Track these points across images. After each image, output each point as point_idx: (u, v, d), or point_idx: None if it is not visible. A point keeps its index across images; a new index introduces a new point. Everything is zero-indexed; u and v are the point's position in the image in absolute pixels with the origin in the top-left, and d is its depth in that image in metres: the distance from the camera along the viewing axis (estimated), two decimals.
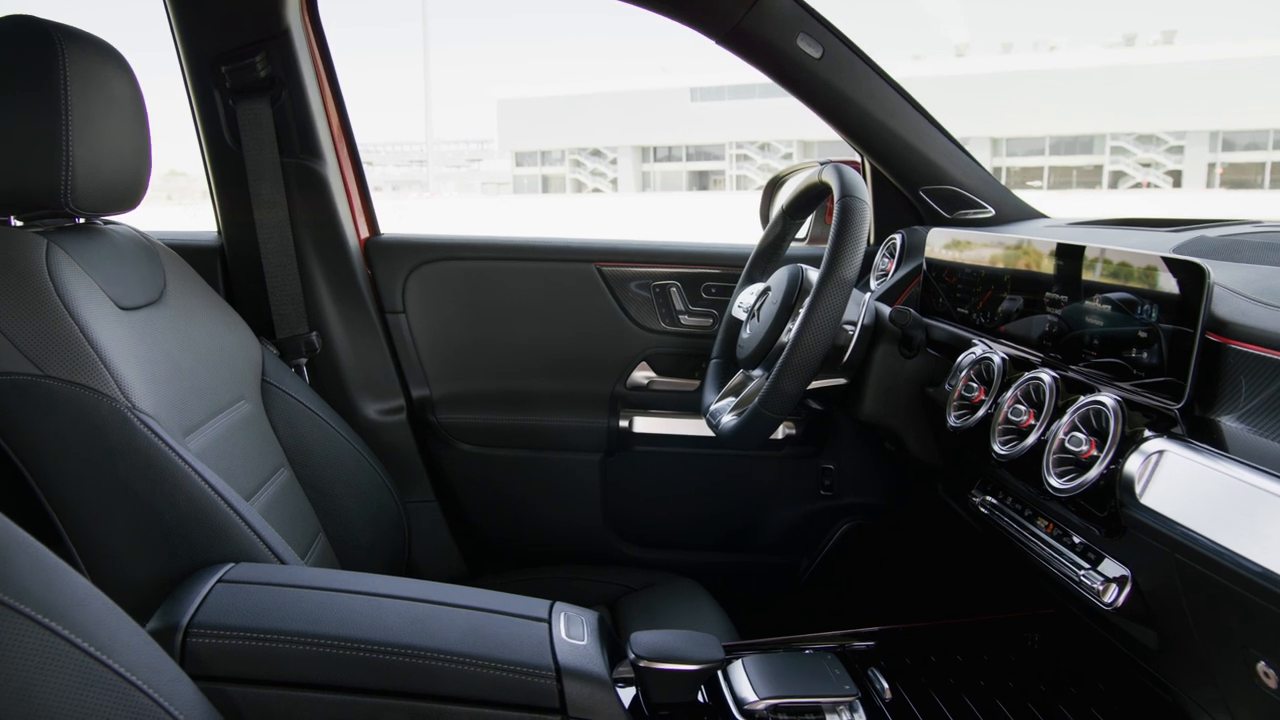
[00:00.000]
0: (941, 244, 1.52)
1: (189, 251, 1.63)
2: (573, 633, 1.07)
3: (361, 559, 1.62)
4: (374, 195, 2.04)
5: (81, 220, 1.34)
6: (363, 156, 2.02)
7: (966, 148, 1.82)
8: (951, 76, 43.67)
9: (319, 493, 1.59)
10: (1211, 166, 41.76)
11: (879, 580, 1.97)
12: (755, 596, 1.99)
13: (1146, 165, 42.92)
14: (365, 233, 2.00)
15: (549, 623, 1.07)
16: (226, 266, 1.89)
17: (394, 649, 0.99)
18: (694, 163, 51.03)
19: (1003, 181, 1.83)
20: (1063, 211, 1.84)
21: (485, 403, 2.00)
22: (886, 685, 1.18)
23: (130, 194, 1.32)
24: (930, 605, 1.90)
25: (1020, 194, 1.85)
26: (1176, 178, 42.07)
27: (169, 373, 1.28)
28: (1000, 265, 1.33)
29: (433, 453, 2.00)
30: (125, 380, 1.14)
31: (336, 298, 1.89)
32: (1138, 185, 42.47)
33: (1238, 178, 41.56)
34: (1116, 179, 43.02)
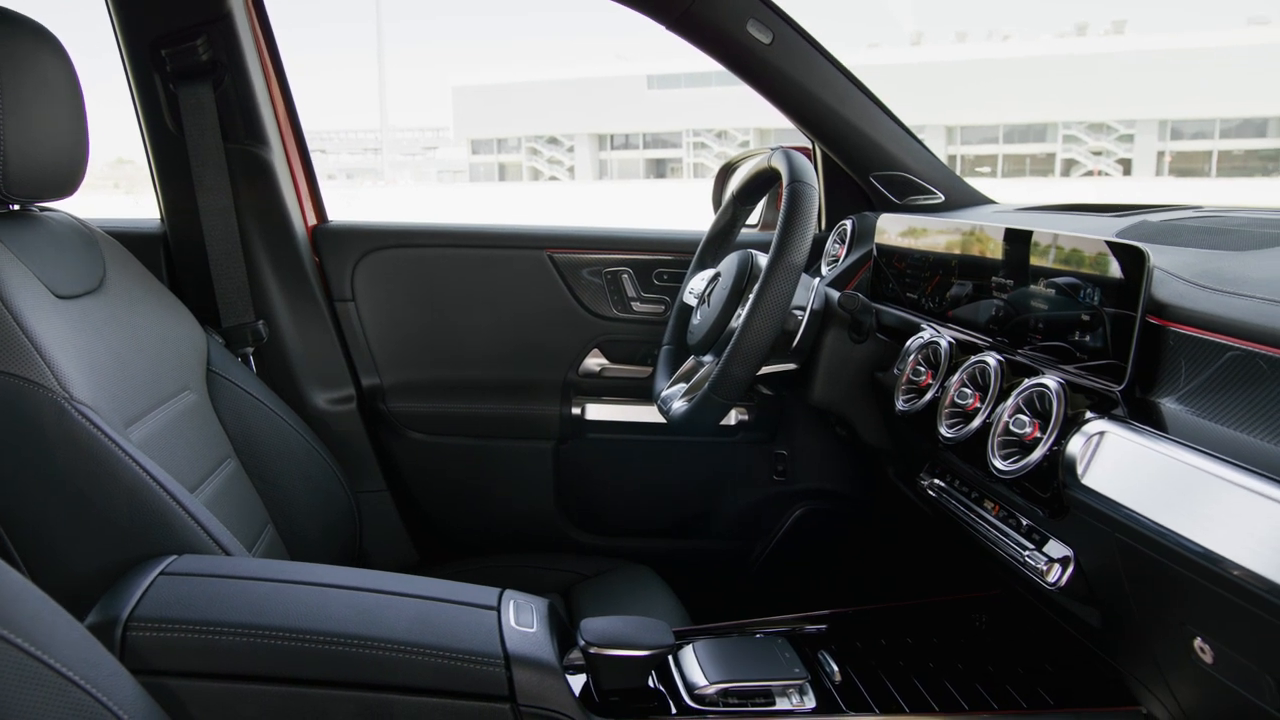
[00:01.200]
0: (891, 229, 1.53)
1: (130, 239, 1.60)
2: (522, 620, 1.06)
3: (311, 550, 1.61)
4: (328, 184, 2.01)
5: (16, 207, 1.31)
6: (316, 144, 1.99)
7: (921, 136, 1.83)
8: (907, 65, 43.89)
9: (267, 483, 1.57)
10: (1161, 155, 42.41)
11: (832, 564, 1.99)
12: (709, 582, 2.00)
13: (1098, 153, 43.50)
14: (313, 220, 1.97)
15: (498, 611, 1.07)
16: (170, 254, 1.86)
17: (341, 639, 0.98)
18: (651, 150, 50.92)
19: (958, 169, 1.85)
20: (1016, 198, 1.85)
21: (436, 391, 1.98)
22: (836, 668, 1.18)
23: (67, 180, 1.29)
24: (882, 588, 1.92)
25: (973, 181, 1.86)
26: (1127, 165, 42.68)
27: (109, 363, 1.25)
28: (949, 250, 1.33)
29: (383, 442, 1.98)
30: (62, 370, 1.11)
31: (283, 286, 1.86)
32: (1089, 173, 43.03)
33: (1186, 166, 42.26)
34: (1069, 167, 43.55)
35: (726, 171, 2.05)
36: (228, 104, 1.78)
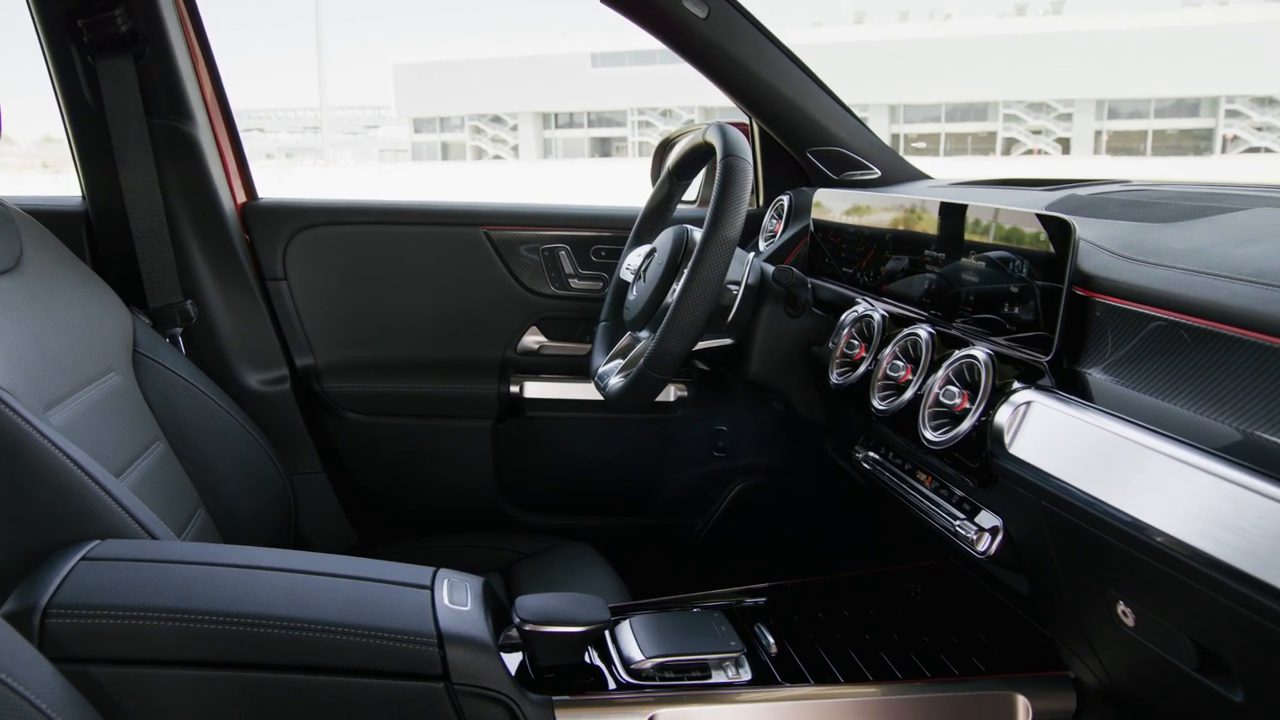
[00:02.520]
0: (827, 205, 1.54)
1: (50, 217, 1.55)
2: (456, 599, 1.05)
3: (245, 533, 1.58)
4: (266, 163, 1.96)
5: None
6: (253, 123, 1.95)
7: (865, 114, 1.84)
8: (850, 43, 44.13)
9: (198, 466, 1.53)
10: (1098, 134, 43.20)
11: (772, 538, 2.00)
12: (650, 558, 2.00)
13: (1037, 132, 44.17)
14: (242, 197, 1.93)
15: (431, 589, 1.06)
16: (92, 233, 1.80)
17: (269, 621, 0.96)
18: (596, 129, 50.71)
19: (901, 148, 1.86)
20: (953, 174, 1.87)
21: (372, 371, 1.96)
22: (773, 640, 1.19)
23: None
24: (822, 561, 1.93)
25: (915, 159, 1.88)
26: (1066, 144, 43.40)
27: (26, 344, 1.21)
28: (884, 225, 1.34)
29: (319, 422, 1.95)
30: None
31: (212, 265, 1.82)
32: (1029, 151, 43.68)
33: (1122, 145, 43.07)
34: (1009, 145, 44.17)
35: (665, 147, 2.04)
36: (149, 77, 1.73)
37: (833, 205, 1.52)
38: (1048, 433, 0.92)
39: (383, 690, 0.98)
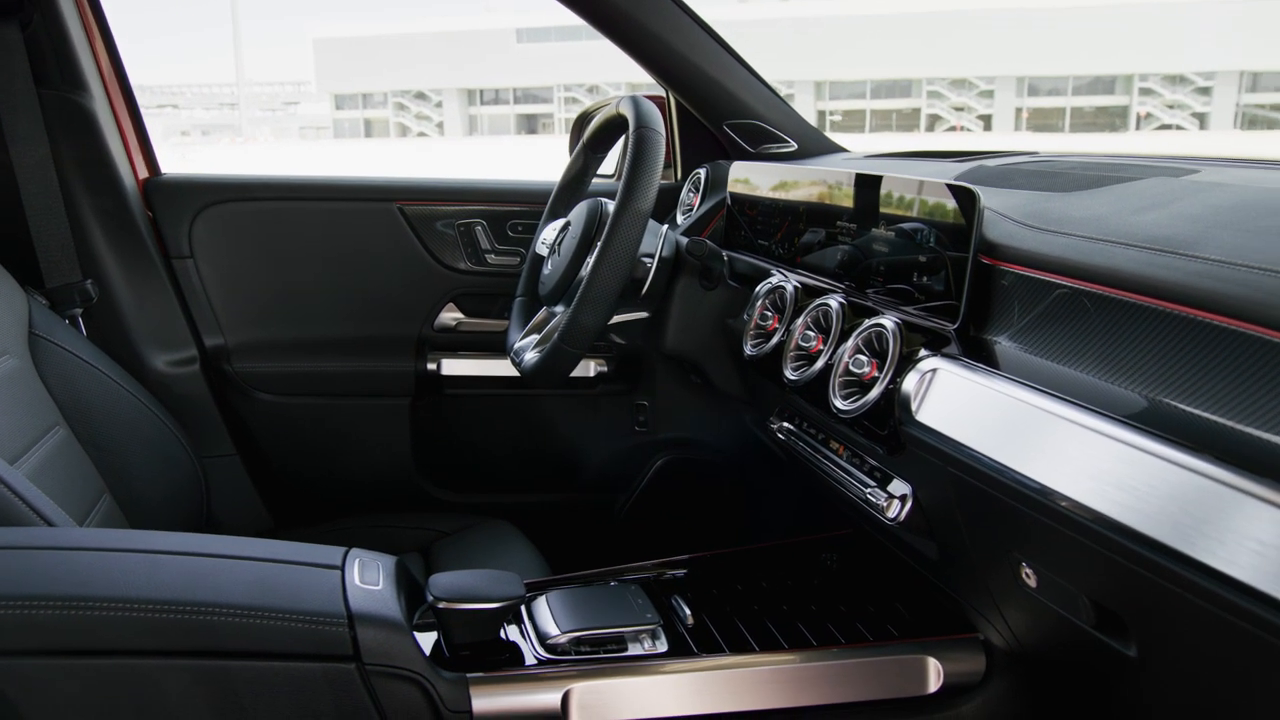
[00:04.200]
0: (744, 178, 1.54)
1: None
2: (367, 578, 1.04)
3: (154, 518, 1.54)
4: (181, 140, 1.90)
5: None
6: (167, 99, 1.88)
7: (791, 90, 1.84)
8: (777, 19, 44.30)
9: (102, 451, 1.49)
10: (1019, 111, 44.04)
11: (694, 512, 2.01)
12: (572, 535, 2.00)
13: (960, 109, 44.86)
14: (144, 172, 1.86)
15: (342, 570, 1.04)
16: None
17: (170, 606, 0.93)
18: (522, 106, 50.16)
19: (826, 125, 1.86)
20: (870, 147, 1.88)
21: (284, 350, 1.91)
22: (689, 612, 1.20)
23: None
24: (744, 533, 1.95)
25: (840, 135, 1.88)
26: (988, 121, 44.18)
27: None
28: (799, 198, 1.35)
29: (231, 404, 1.90)
30: None
31: (113, 243, 1.76)
32: (952, 128, 44.37)
33: (1042, 122, 43.98)
34: (933, 122, 44.83)
35: (583, 121, 2.02)
36: (39, 47, 1.66)
37: (749, 178, 1.52)
38: (952, 399, 0.93)
39: (292, 673, 0.96)
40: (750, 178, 1.51)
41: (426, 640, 1.08)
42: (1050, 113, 44.29)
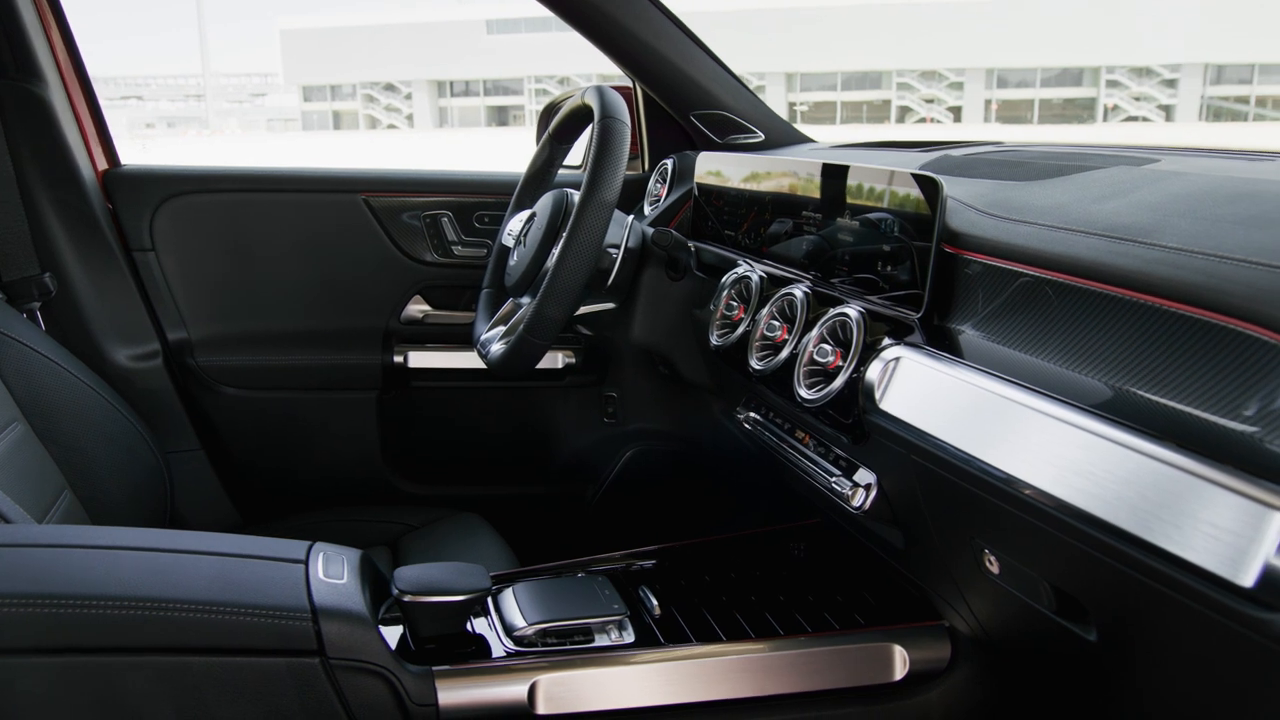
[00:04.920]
0: (711, 168, 1.53)
1: None
2: (331, 572, 1.03)
3: (117, 515, 1.52)
4: (147, 133, 1.87)
5: None
6: (132, 90, 1.85)
7: (762, 82, 1.84)
8: (748, 10, 44.32)
9: (63, 447, 1.46)
10: (988, 103, 44.34)
11: (664, 503, 2.01)
12: (542, 527, 1.99)
13: (930, 101, 45.10)
14: (103, 164, 1.84)
15: (306, 564, 1.03)
16: None
17: (130, 603, 0.92)
18: (492, 98, 49.91)
19: (797, 117, 1.86)
20: (837, 137, 1.88)
21: (249, 343, 1.89)
22: (656, 602, 1.20)
23: None
24: (713, 523, 1.95)
25: (811, 127, 1.88)
26: (958, 113, 44.46)
27: None
28: (765, 188, 1.35)
29: (195, 398, 1.88)
30: None
31: (72, 235, 1.73)
32: (922, 120, 44.62)
33: (1011, 114, 44.30)
34: (903, 113, 45.04)
35: (550, 111, 2.01)
36: None
37: (716, 168, 1.52)
38: (915, 388, 0.93)
39: (256, 669, 0.95)
40: (717, 168, 1.51)
41: (393, 634, 1.08)
42: (1019, 105, 44.62)
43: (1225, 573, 0.60)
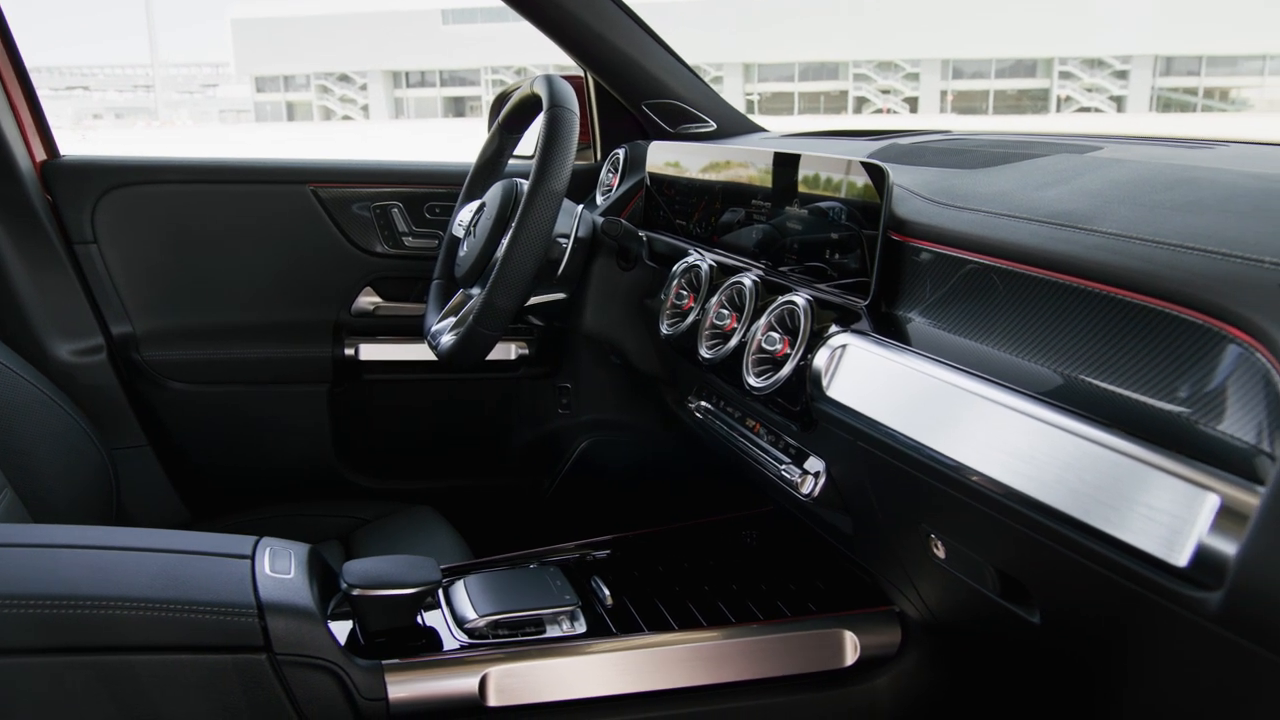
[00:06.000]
0: (662, 158, 1.53)
1: None
2: (278, 567, 1.02)
3: (60, 513, 1.49)
4: (95, 124, 1.83)
5: None
6: (78, 80, 1.80)
7: (720, 73, 1.84)
8: (703, 1, 44.34)
9: (2, 445, 1.43)
10: (944, 94, 44.72)
11: (620, 493, 2.01)
12: (497, 519, 1.99)
13: (886, 91, 45.38)
14: (41, 154, 1.79)
15: (252, 559, 1.02)
16: None
17: (70, 602, 0.91)
18: (449, 88, 49.49)
19: (755, 108, 1.86)
20: (789, 126, 1.89)
21: (197, 337, 1.86)
22: (608, 592, 1.19)
23: None
24: (669, 512, 1.95)
25: (767, 118, 1.88)
26: (914, 104, 44.79)
27: None
28: (716, 177, 1.35)
29: (141, 393, 1.85)
30: None
31: (9, 228, 1.69)
32: (879, 111, 44.87)
33: (966, 105, 44.74)
34: (860, 104, 45.29)
35: (501, 101, 1.99)
36: None
37: (667, 158, 1.52)
38: (862, 375, 0.94)
39: (201, 666, 0.94)
40: (668, 157, 1.51)
41: (342, 629, 1.07)
42: (974, 95, 45.06)
43: (1160, 553, 0.61)
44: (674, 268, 1.34)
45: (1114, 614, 0.73)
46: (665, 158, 1.52)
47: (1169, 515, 0.61)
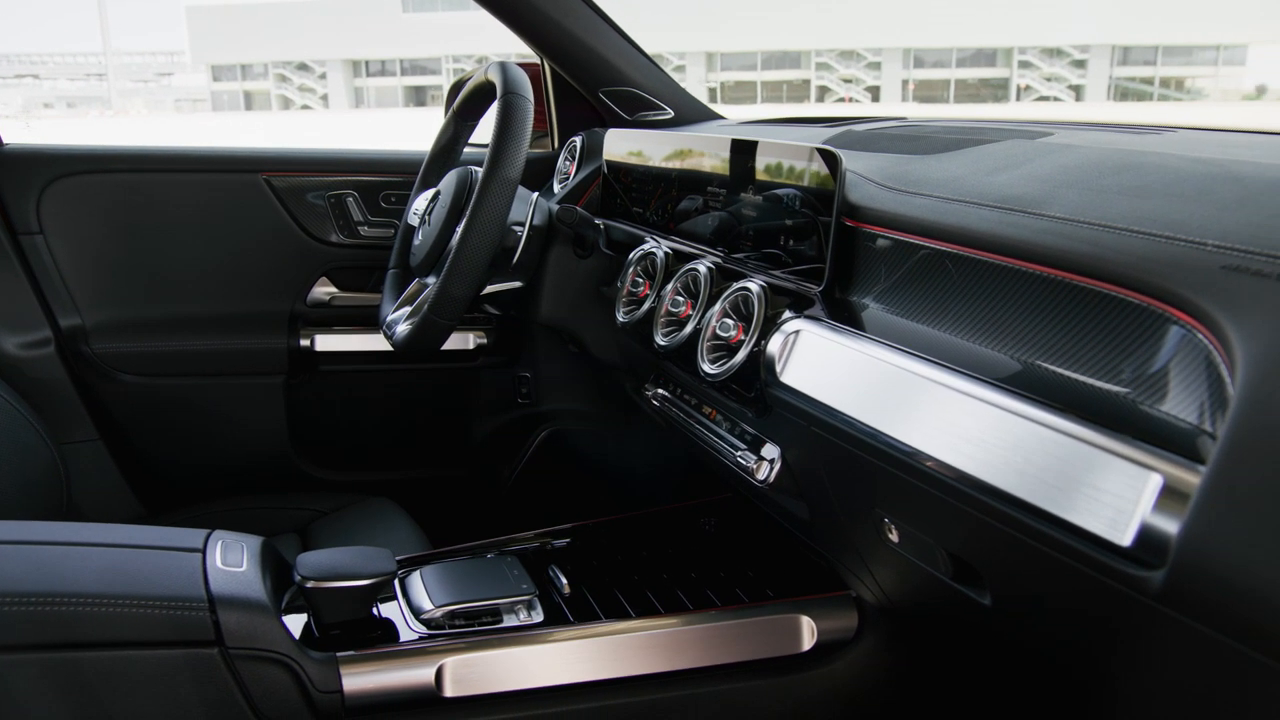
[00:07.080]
0: (619, 145, 1.52)
1: None
2: (230, 560, 1.01)
3: (7, 509, 1.45)
4: (44, 113, 1.79)
5: None
6: (27, 69, 1.76)
7: (683, 62, 1.83)
8: None
9: None
10: (905, 82, 45.00)
11: (579, 482, 2.00)
12: (456, 509, 1.98)
13: (848, 80, 45.60)
14: None
15: (203, 552, 1.00)
16: None
17: (14, 598, 0.89)
18: (410, 78, 49.06)
19: (718, 96, 1.86)
20: (747, 114, 1.88)
21: (148, 329, 1.83)
22: (566, 581, 1.19)
23: None
24: (630, 500, 1.95)
25: (729, 107, 1.88)
26: (876, 93, 45.03)
27: None
28: (673, 164, 1.34)
29: (91, 387, 1.82)
30: None
31: None
32: (841, 99, 45.06)
33: (928, 93, 45.06)
34: (823, 93, 45.46)
35: (457, 88, 1.98)
36: None
37: (624, 146, 1.51)
38: (815, 360, 0.94)
39: (150, 661, 0.93)
40: (626, 145, 1.50)
41: (298, 622, 1.06)
42: (936, 84, 45.39)
43: (1105, 533, 0.62)
44: (630, 255, 1.34)
45: (1061, 595, 0.74)
46: (622, 145, 1.51)
47: (1114, 496, 0.62)
